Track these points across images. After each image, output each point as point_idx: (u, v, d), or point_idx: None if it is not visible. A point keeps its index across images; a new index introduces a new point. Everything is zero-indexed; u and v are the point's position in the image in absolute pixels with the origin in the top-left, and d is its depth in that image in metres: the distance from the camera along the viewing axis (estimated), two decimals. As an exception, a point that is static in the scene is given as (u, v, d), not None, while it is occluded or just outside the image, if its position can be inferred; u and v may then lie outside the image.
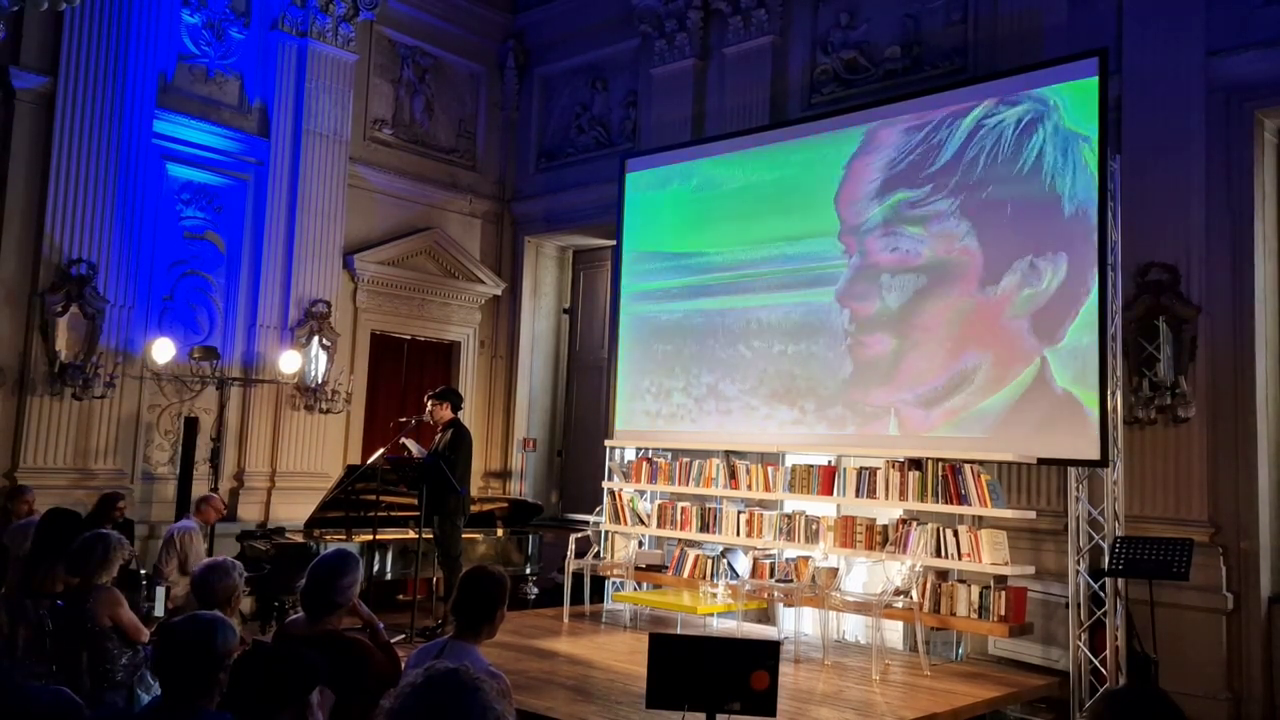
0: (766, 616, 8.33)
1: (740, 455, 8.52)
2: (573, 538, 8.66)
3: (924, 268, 7.60)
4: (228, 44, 9.80)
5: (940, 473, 7.13)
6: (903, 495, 7.31)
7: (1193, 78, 7.20)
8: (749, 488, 8.23)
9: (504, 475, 11.71)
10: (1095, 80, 6.82)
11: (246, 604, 7.95)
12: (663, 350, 9.20)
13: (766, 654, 3.89)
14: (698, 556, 8.35)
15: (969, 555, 6.91)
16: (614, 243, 9.96)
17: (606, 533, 9.02)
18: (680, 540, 8.61)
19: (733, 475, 8.33)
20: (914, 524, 7.24)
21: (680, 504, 8.70)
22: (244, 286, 9.76)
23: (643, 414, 9.29)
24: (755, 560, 8.00)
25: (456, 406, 8.15)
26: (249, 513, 9.51)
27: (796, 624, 7.95)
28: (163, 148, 9.22)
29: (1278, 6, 7.00)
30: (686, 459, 8.70)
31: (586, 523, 9.31)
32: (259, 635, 6.98)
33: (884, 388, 7.74)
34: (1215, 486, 6.94)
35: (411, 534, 8.23)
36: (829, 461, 7.91)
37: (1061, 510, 7.19)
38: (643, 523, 8.91)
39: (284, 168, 9.97)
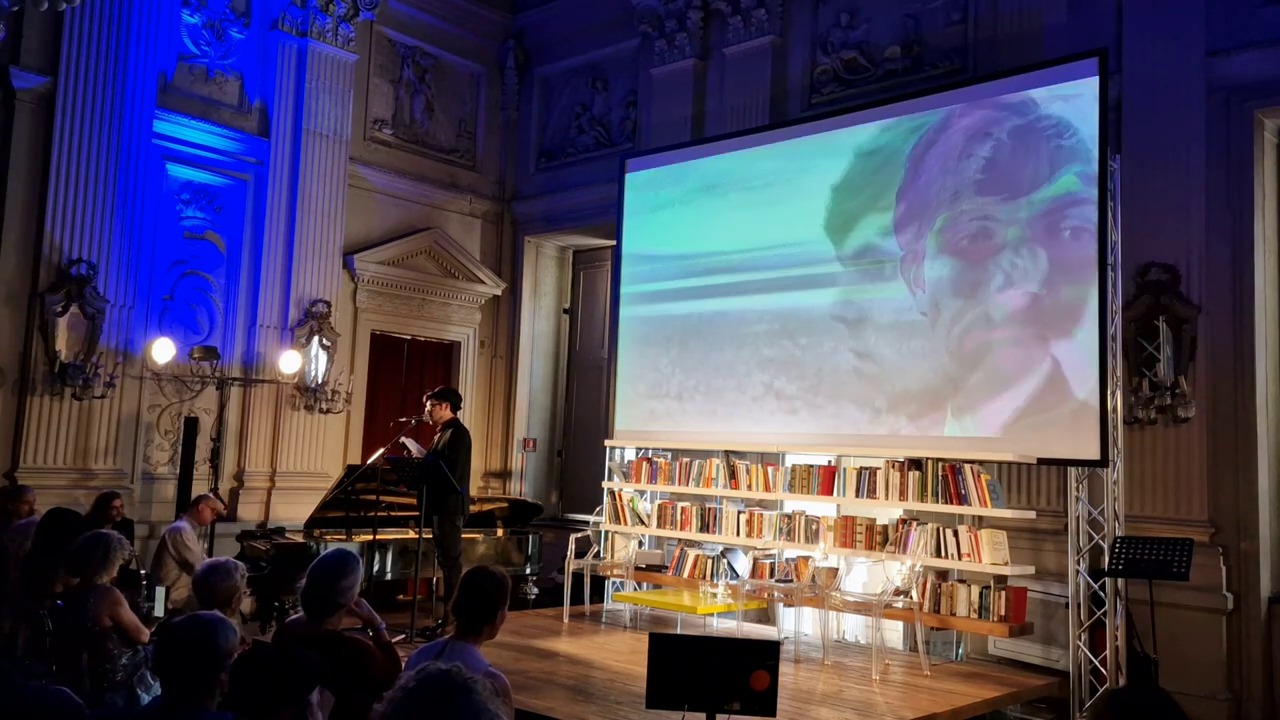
0: (766, 616, 8.33)
1: (740, 455, 8.51)
2: (573, 538, 8.66)
3: (928, 270, 7.60)
4: (228, 44, 9.80)
5: (940, 473, 7.13)
6: (903, 495, 7.31)
7: (1193, 78, 7.20)
8: (749, 488, 8.23)
9: (504, 475, 11.71)
10: (1095, 80, 6.82)
11: (246, 604, 7.95)
12: (663, 350, 9.20)
13: (766, 654, 3.89)
14: (698, 556, 8.35)
15: (969, 555, 6.91)
16: (614, 243, 9.96)
17: (606, 533, 9.02)
18: (680, 540, 8.61)
19: (732, 475, 8.33)
20: (914, 524, 7.24)
21: (680, 504, 8.70)
22: (244, 286, 9.76)
23: (643, 414, 9.28)
24: (755, 560, 8.00)
25: (456, 406, 8.15)
26: (249, 513, 9.51)
27: (796, 624, 7.95)
28: (163, 148, 9.22)
29: (1278, 6, 7.00)
30: (686, 459, 8.69)
31: (586, 523, 9.31)
32: (259, 635, 6.99)
33: (886, 388, 7.74)
34: (1215, 486, 6.93)
35: (411, 534, 8.23)
36: (829, 461, 7.91)
37: (1061, 510, 7.19)
38: (643, 523, 8.91)
39: (284, 168, 9.97)
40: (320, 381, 9.93)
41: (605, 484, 9.18)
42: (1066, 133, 6.96)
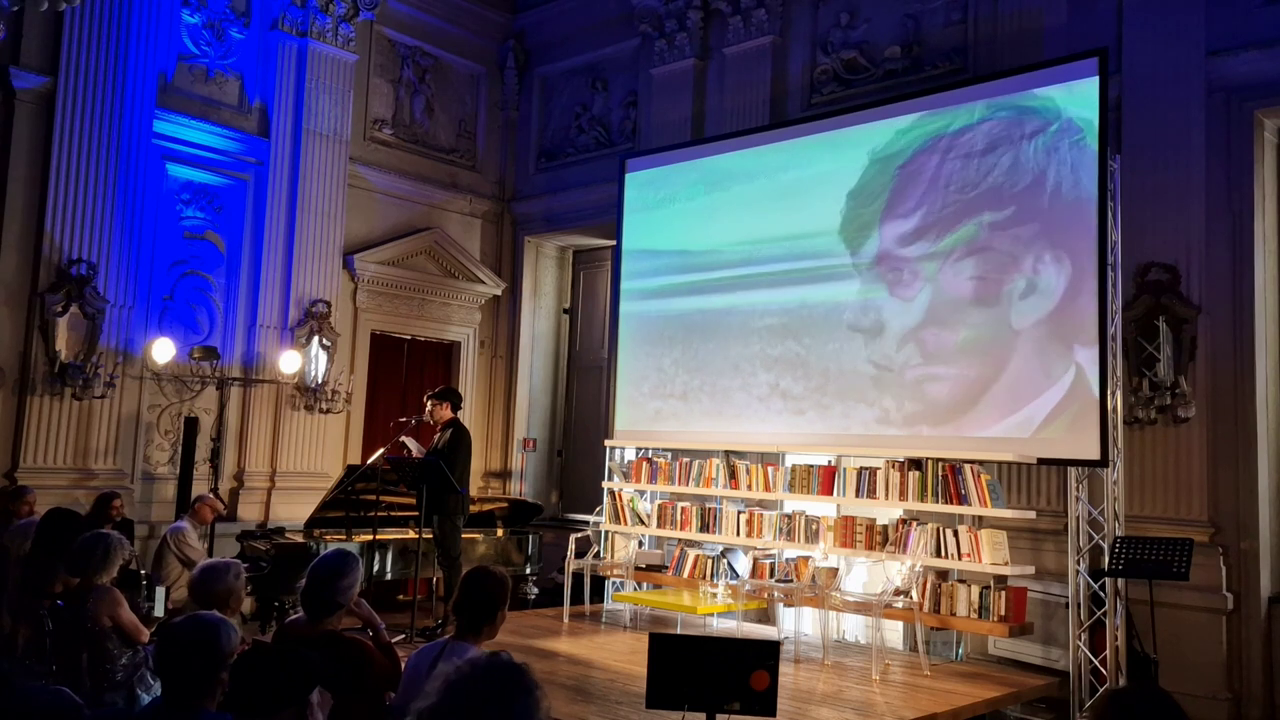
0: (766, 616, 8.33)
1: (740, 455, 8.51)
2: (573, 538, 8.66)
3: (933, 272, 7.60)
4: (228, 44, 9.80)
5: (940, 473, 7.13)
6: (903, 495, 7.31)
7: (1193, 78, 7.20)
8: (749, 488, 8.23)
9: (504, 475, 11.71)
10: (1095, 80, 6.82)
11: (246, 604, 7.95)
12: (666, 349, 9.19)
13: (766, 654, 3.89)
14: (698, 556, 8.35)
15: (969, 555, 6.90)
16: (614, 243, 9.96)
17: (606, 533, 9.02)
18: (680, 540, 8.61)
19: (732, 475, 8.33)
20: (914, 524, 7.24)
21: (680, 504, 8.70)
22: (244, 286, 9.77)
23: (647, 414, 9.28)
24: (755, 560, 8.00)
25: (456, 406, 8.16)
26: (249, 513, 9.51)
27: (796, 624, 7.95)
28: (163, 148, 9.22)
29: (1278, 6, 7.00)
30: (686, 459, 8.69)
31: (586, 523, 9.31)
32: (259, 635, 6.99)
33: (892, 387, 7.74)
34: (1215, 486, 6.94)
35: (411, 534, 8.23)
36: (829, 461, 7.91)
37: (1061, 510, 7.19)
38: (643, 523, 8.90)
39: (284, 168, 9.98)
40: (320, 381, 9.93)
41: (605, 484, 9.18)
42: (1066, 135, 6.96)
